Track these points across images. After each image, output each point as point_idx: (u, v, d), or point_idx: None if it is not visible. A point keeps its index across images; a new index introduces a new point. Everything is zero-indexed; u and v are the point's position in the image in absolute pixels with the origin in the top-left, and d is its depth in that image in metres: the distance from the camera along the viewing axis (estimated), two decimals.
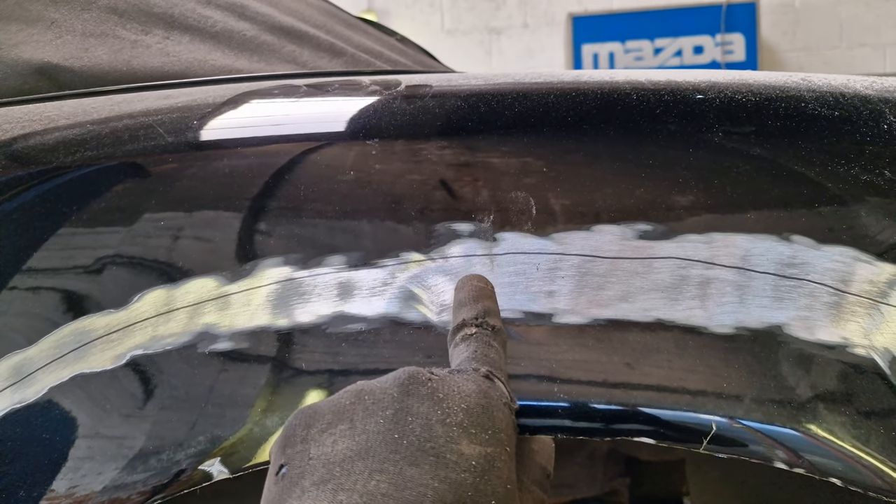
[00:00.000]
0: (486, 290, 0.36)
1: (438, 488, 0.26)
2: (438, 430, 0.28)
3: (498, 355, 0.34)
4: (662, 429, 0.35)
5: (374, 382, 0.31)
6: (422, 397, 0.29)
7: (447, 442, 0.27)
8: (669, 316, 0.37)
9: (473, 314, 0.35)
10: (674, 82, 0.44)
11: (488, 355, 0.33)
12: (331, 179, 0.42)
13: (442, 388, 0.30)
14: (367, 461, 0.27)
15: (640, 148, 0.41)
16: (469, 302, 0.36)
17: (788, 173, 0.39)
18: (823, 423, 0.35)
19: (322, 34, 0.76)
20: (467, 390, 0.30)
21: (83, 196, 0.43)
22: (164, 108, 0.47)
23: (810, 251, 0.37)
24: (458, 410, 0.29)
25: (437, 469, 0.26)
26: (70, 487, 0.38)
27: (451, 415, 0.28)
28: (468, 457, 0.27)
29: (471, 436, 0.28)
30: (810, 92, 0.43)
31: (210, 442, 0.39)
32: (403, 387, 0.29)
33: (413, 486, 0.26)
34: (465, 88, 0.45)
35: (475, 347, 0.33)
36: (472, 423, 0.28)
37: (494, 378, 0.32)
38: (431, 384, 0.30)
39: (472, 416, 0.29)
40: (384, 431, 0.28)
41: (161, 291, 0.41)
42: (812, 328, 0.36)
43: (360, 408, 0.29)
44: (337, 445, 0.28)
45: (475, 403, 0.29)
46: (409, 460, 0.27)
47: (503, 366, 0.34)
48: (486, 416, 0.29)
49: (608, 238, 0.38)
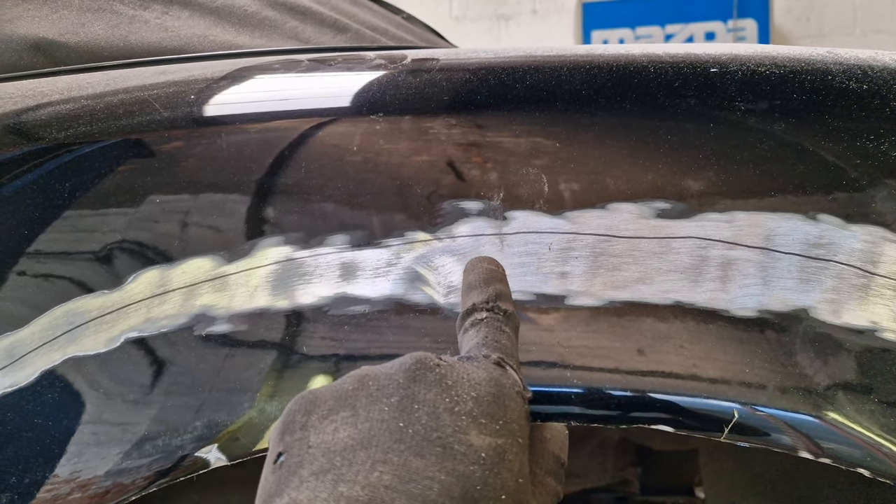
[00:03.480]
0: (498, 272, 0.35)
1: (445, 481, 0.24)
2: (446, 419, 0.26)
3: (510, 341, 0.32)
4: (681, 416, 0.34)
5: (379, 368, 0.29)
6: (429, 384, 0.27)
7: (455, 432, 0.26)
8: (689, 298, 0.35)
9: (484, 298, 0.33)
10: (693, 55, 0.42)
11: (499, 341, 0.31)
12: (333, 156, 0.40)
13: (451, 374, 0.28)
14: (369, 451, 0.25)
15: (658, 123, 0.39)
16: (479, 285, 0.34)
17: (814, 149, 0.37)
18: (850, 412, 0.33)
19: (325, 10, 0.74)
20: (477, 378, 0.28)
21: (74, 173, 0.41)
22: (161, 83, 0.45)
23: (837, 231, 0.35)
24: (467, 399, 0.27)
25: (443, 461, 0.25)
26: (73, 472, 0.37)
27: (460, 403, 0.27)
28: (477, 448, 0.26)
29: (480, 426, 0.26)
30: (837, 65, 0.41)
31: (210, 428, 0.38)
32: (410, 373, 0.28)
33: (418, 479, 0.24)
34: (475, 62, 0.43)
35: (486, 333, 0.32)
36: (482, 413, 0.27)
37: (506, 365, 0.30)
38: (440, 370, 0.28)
39: (483, 406, 0.27)
40: (388, 420, 0.26)
41: (155, 272, 0.39)
42: (839, 311, 0.34)
43: (363, 394, 0.28)
44: (338, 433, 0.26)
45: (486, 392, 0.28)
46: (414, 451, 0.25)
47: (515, 353, 0.32)
48: (497, 406, 0.28)
49: (624, 217, 0.37)
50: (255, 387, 0.38)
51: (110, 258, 0.40)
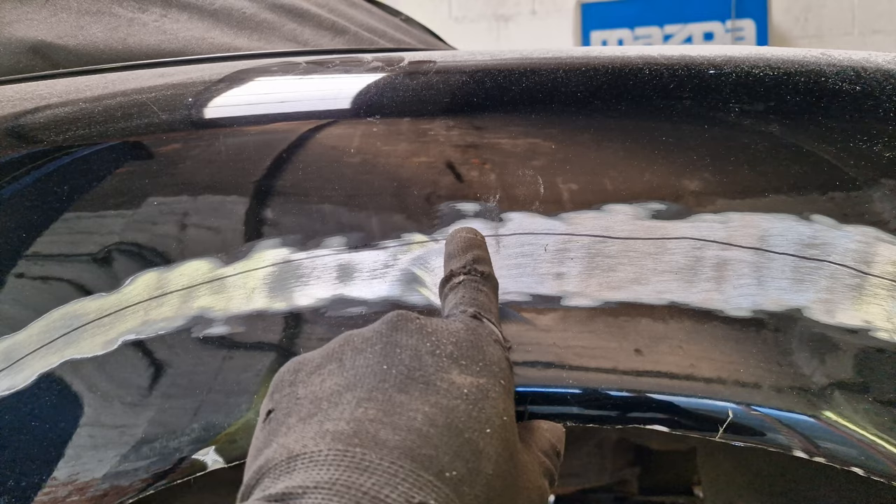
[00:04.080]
0: (476, 240, 0.36)
1: (429, 412, 0.25)
2: (428, 360, 0.28)
3: (487, 299, 0.33)
4: (676, 416, 0.34)
5: (362, 327, 0.31)
6: (410, 332, 0.29)
7: (437, 371, 0.27)
8: (684, 299, 0.35)
9: (461, 264, 0.34)
10: (688, 57, 0.42)
11: (476, 299, 0.33)
12: (330, 158, 0.40)
13: (430, 324, 0.30)
14: (355, 391, 0.26)
15: (653, 125, 0.39)
16: (458, 253, 0.35)
17: (808, 150, 0.37)
18: (844, 411, 0.33)
19: (324, 12, 0.74)
20: (455, 328, 0.30)
21: (72, 176, 0.41)
22: (159, 86, 0.45)
23: (831, 231, 0.35)
24: (446, 343, 0.29)
25: (426, 395, 0.26)
26: (71, 475, 0.37)
27: (441, 346, 0.28)
28: (459, 385, 0.27)
29: (461, 367, 0.28)
30: (830, 66, 0.41)
31: (207, 430, 0.38)
32: (391, 324, 0.30)
33: (402, 411, 0.25)
34: (471, 64, 0.43)
35: (463, 293, 0.33)
36: (462, 355, 0.28)
37: (483, 318, 0.31)
38: (419, 321, 0.30)
39: (462, 349, 0.29)
40: (373, 364, 0.27)
41: (153, 274, 0.39)
42: (833, 311, 0.34)
43: (348, 348, 0.29)
44: (325, 383, 0.27)
45: (464, 338, 0.29)
46: (398, 388, 0.26)
47: (494, 308, 0.33)
48: (475, 350, 0.29)
49: (620, 218, 0.37)
50: (253, 389, 0.38)
51: (108, 260, 0.40)
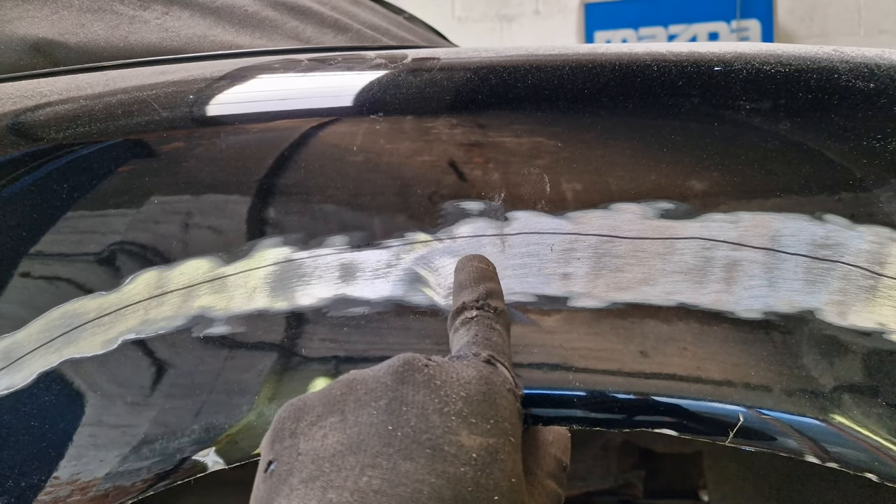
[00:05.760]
0: (488, 271, 0.35)
1: (435, 484, 0.24)
2: (435, 420, 0.26)
3: (501, 339, 0.32)
4: (685, 420, 0.33)
5: (367, 371, 0.29)
6: (417, 385, 0.27)
7: (445, 433, 0.26)
8: (693, 300, 0.34)
9: (474, 297, 0.33)
10: (697, 53, 0.41)
11: (490, 339, 0.31)
12: (332, 156, 0.40)
13: (439, 375, 0.28)
14: (358, 455, 0.25)
15: (661, 122, 0.38)
16: (469, 284, 0.34)
17: (820, 149, 0.36)
18: (857, 415, 0.33)
19: (326, 10, 0.74)
20: (467, 377, 0.28)
21: (73, 174, 0.41)
22: (160, 83, 0.45)
23: (844, 231, 0.34)
24: (456, 399, 0.27)
25: (433, 463, 0.25)
26: (72, 475, 0.37)
27: (450, 403, 0.27)
28: (468, 448, 0.25)
29: (471, 426, 0.26)
30: (843, 63, 0.40)
31: (209, 431, 0.37)
32: (398, 375, 0.28)
33: (408, 482, 0.24)
34: (475, 61, 0.43)
35: (476, 331, 0.31)
36: (472, 412, 0.27)
37: (497, 363, 0.30)
38: (428, 371, 0.28)
39: (473, 405, 0.27)
40: (377, 423, 0.26)
41: (153, 273, 0.39)
42: (846, 313, 0.34)
43: (351, 398, 0.27)
44: (327, 439, 0.26)
45: (475, 391, 0.27)
46: (403, 454, 0.25)
47: (507, 350, 0.32)
48: (487, 405, 0.27)
49: (627, 217, 0.36)
50: (254, 389, 0.38)
51: (108, 259, 0.40)
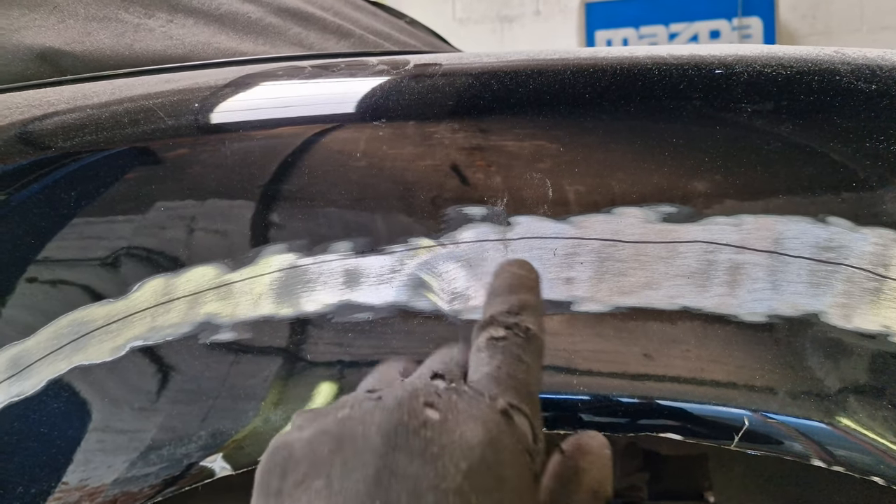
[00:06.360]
0: (528, 279, 0.31)
1: None
2: (430, 499, 0.22)
3: (527, 374, 0.27)
4: (690, 424, 0.33)
5: (361, 417, 0.25)
6: (412, 454, 0.23)
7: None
8: (697, 304, 0.35)
9: (504, 309, 0.29)
10: (697, 56, 0.41)
11: (515, 375, 0.27)
12: (336, 162, 0.40)
13: (438, 439, 0.24)
14: None
15: (663, 126, 0.38)
16: (502, 292, 0.30)
17: (822, 151, 0.37)
18: (862, 418, 0.33)
19: (329, 16, 0.74)
20: (472, 440, 0.24)
21: (80, 182, 0.41)
22: (165, 92, 0.45)
23: (848, 234, 0.34)
24: (455, 473, 0.23)
25: None
26: (81, 481, 0.37)
27: (447, 478, 0.23)
28: None
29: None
30: (845, 65, 0.40)
31: (215, 436, 0.37)
32: (389, 439, 0.24)
33: None
34: (477, 66, 0.43)
35: (499, 363, 0.27)
36: (473, 487, 0.23)
37: (515, 413, 0.26)
38: (425, 434, 0.24)
39: (475, 477, 0.23)
40: (362, 495, 0.23)
41: (160, 280, 0.39)
42: (850, 316, 0.34)
43: (338, 460, 0.24)
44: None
45: (479, 460, 0.24)
46: None
47: (533, 386, 0.27)
48: (492, 478, 0.24)
49: (630, 221, 0.36)
50: (260, 395, 0.38)
51: (115, 266, 0.40)
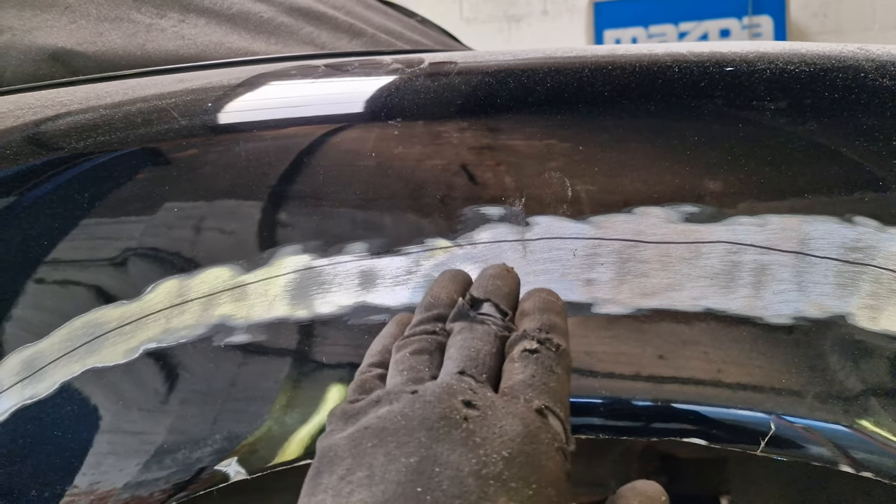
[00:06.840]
0: (556, 304, 0.32)
1: None
2: (471, 483, 0.24)
3: (559, 384, 0.29)
4: (714, 429, 0.33)
5: (402, 412, 0.27)
6: (454, 443, 0.25)
7: (480, 499, 0.23)
8: (721, 305, 0.34)
9: (536, 325, 0.31)
10: (718, 53, 0.41)
11: (548, 383, 0.28)
12: (351, 162, 0.40)
13: (480, 430, 0.25)
14: None
15: (684, 124, 0.38)
16: (534, 312, 0.32)
17: (849, 150, 0.36)
18: (891, 423, 0.32)
19: (340, 15, 0.74)
20: (511, 433, 0.26)
21: (93, 183, 0.41)
22: (178, 91, 0.45)
23: (875, 234, 0.34)
24: (497, 460, 0.25)
25: None
26: (91, 484, 0.37)
27: (489, 465, 0.24)
28: None
29: (510, 491, 0.24)
30: (869, 62, 0.39)
31: (229, 440, 0.37)
32: (433, 431, 0.25)
33: None
34: (493, 64, 0.42)
35: (533, 371, 0.29)
36: (512, 476, 0.24)
37: (549, 414, 0.27)
38: (467, 426, 0.26)
39: (514, 467, 0.25)
40: (406, 482, 0.24)
41: (174, 282, 0.39)
42: (877, 318, 0.33)
43: (381, 452, 0.25)
44: (353, 496, 0.24)
45: (518, 450, 0.25)
46: None
47: (565, 396, 0.29)
48: (530, 468, 0.25)
49: (652, 221, 0.36)
50: (274, 397, 0.37)
51: (129, 268, 0.40)
